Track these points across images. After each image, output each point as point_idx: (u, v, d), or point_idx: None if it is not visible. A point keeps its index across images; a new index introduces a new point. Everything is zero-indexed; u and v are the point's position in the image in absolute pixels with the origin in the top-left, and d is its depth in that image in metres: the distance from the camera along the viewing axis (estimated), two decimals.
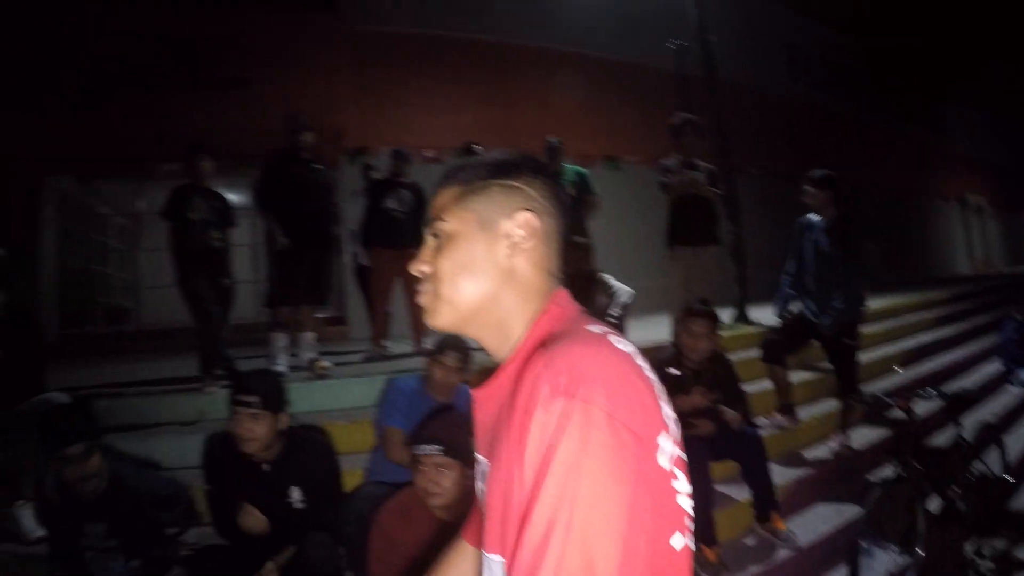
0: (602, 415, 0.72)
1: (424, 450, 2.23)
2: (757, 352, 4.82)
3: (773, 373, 4.64)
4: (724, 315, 5.17)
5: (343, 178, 7.80)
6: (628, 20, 10.94)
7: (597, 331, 0.85)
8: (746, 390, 3.94)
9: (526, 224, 0.93)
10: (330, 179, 5.50)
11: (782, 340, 4.63)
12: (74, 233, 9.51)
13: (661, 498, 0.76)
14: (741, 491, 3.71)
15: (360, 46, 9.39)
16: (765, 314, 5.67)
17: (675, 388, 3.53)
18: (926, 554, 3.21)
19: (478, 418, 0.95)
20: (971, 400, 4.89)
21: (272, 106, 7.21)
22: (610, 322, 3.12)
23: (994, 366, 7.19)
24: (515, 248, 0.92)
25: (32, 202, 8.50)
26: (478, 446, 0.95)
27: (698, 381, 3.61)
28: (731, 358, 4.04)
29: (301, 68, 8.83)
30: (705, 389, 3.57)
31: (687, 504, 0.81)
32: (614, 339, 0.84)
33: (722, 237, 5.65)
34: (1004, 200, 23.67)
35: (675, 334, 3.90)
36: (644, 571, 0.71)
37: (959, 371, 7.02)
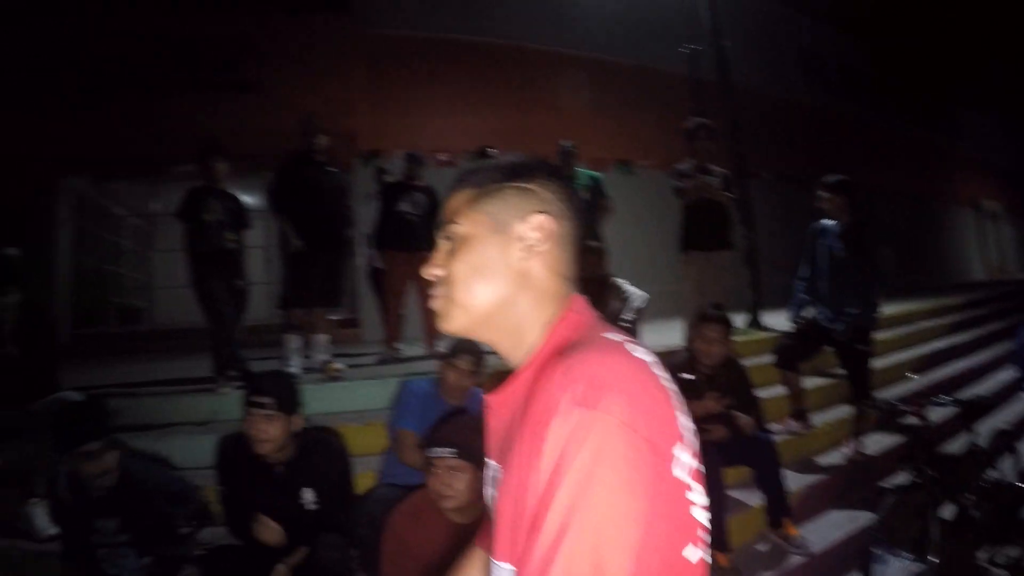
0: (619, 426, 0.71)
1: (437, 452, 2.22)
2: (770, 357, 4.82)
3: (786, 379, 4.63)
4: (738, 320, 5.16)
5: (357, 181, 7.83)
6: (642, 24, 10.90)
7: (615, 339, 0.84)
8: (759, 395, 3.93)
9: (541, 227, 0.91)
10: (344, 182, 5.52)
11: (796, 345, 4.62)
12: (88, 233, 9.58)
13: (676, 510, 0.76)
14: (754, 497, 3.70)
15: (374, 49, 9.40)
16: (779, 319, 5.65)
17: (688, 393, 3.46)
18: (939, 561, 3.17)
19: (491, 423, 0.94)
20: (985, 407, 4.83)
21: (286, 109, 7.22)
22: (624, 327, 3.12)
23: (1009, 373, 7.08)
24: (529, 251, 0.91)
25: (47, 202, 8.57)
26: (490, 451, 0.94)
27: (711, 386, 3.59)
28: (744, 363, 4.04)
29: (315, 71, 8.85)
30: (718, 394, 3.55)
31: (702, 516, 0.80)
32: (632, 347, 0.84)
33: (736, 242, 5.65)
34: (1019, 206, 23.36)
35: (688, 339, 3.89)
36: None
37: (973, 378, 6.98)
